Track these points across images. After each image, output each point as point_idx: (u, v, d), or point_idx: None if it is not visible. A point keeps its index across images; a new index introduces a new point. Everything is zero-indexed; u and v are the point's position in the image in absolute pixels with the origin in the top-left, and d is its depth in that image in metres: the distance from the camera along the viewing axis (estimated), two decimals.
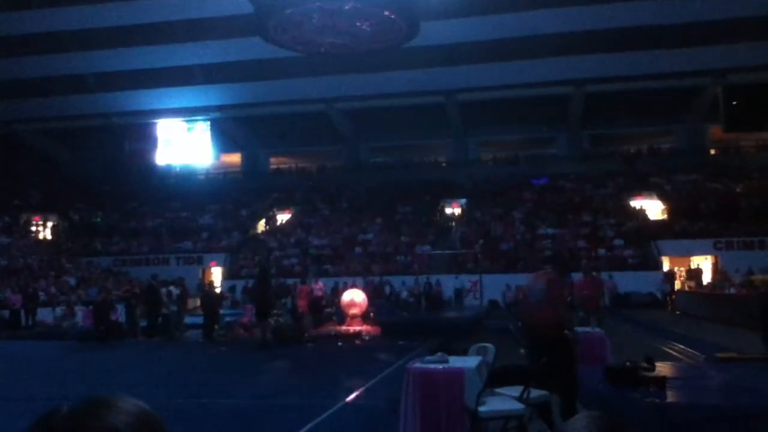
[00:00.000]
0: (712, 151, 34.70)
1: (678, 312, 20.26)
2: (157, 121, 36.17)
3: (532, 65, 29.66)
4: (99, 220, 34.85)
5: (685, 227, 27.19)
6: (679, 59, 28.58)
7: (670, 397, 6.04)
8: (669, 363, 9.65)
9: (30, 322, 20.01)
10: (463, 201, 32.52)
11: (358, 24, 12.95)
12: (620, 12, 26.58)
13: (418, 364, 5.70)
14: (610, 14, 26.72)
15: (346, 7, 12.26)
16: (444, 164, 37.14)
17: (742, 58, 28.22)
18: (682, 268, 25.12)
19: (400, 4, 12.61)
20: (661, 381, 6.25)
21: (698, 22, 26.48)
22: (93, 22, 28.91)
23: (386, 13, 12.67)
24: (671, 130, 35.61)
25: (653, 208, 29.90)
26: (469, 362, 5.79)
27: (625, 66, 29.46)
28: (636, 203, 30.05)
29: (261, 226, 33.67)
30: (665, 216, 29.25)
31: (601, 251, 26.47)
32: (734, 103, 30.17)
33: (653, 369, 6.72)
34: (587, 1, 26.06)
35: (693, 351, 11.18)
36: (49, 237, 32.97)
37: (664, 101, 32.04)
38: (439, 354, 5.92)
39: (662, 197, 30.26)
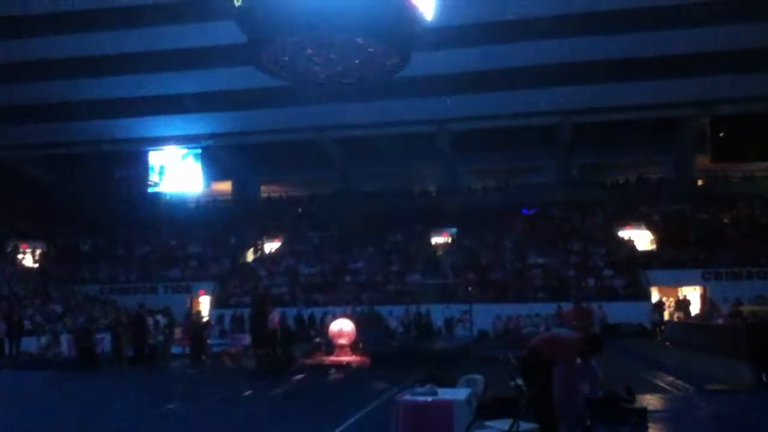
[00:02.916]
0: (700, 181, 34.99)
1: (667, 342, 20.25)
2: (147, 148, 36.14)
3: (521, 95, 29.93)
4: (87, 247, 34.61)
5: (674, 257, 27.32)
6: (666, 90, 28.94)
7: (653, 430, 6.00)
8: (657, 395, 9.63)
9: (14, 351, 19.73)
10: (453, 230, 32.55)
11: (350, 56, 13.05)
12: (608, 44, 26.93)
13: (407, 396, 5.66)
14: (598, 46, 27.07)
15: (341, 43, 12.35)
16: (434, 192, 37.24)
17: (729, 90, 28.62)
18: (671, 299, 25.17)
19: (392, 36, 12.72)
20: (642, 413, 6.20)
21: (685, 54, 26.87)
22: (84, 50, 28.97)
23: (374, 48, 12.77)
24: (659, 159, 35.93)
25: (642, 238, 30.05)
26: (458, 394, 5.75)
27: (613, 97, 29.78)
28: (625, 233, 30.20)
29: (250, 254, 33.54)
30: (654, 246, 29.41)
31: (591, 280, 26.52)
32: (721, 134, 30.52)
33: (634, 400, 6.67)
34: (575, 34, 26.38)
35: (682, 382, 11.16)
36: (36, 264, 32.69)
37: (652, 131, 32.38)
38: (429, 386, 5.88)
39: (651, 227, 30.44)
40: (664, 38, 26.06)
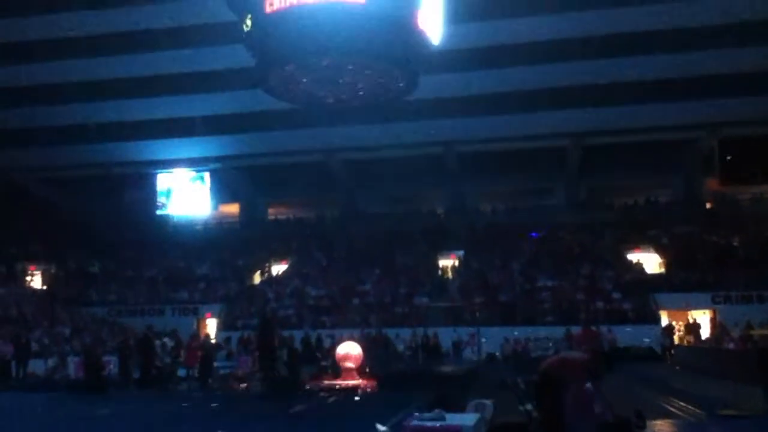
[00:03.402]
0: (708, 204, 34.86)
1: (677, 366, 20.04)
2: (156, 171, 36.40)
3: (530, 118, 30.07)
4: (95, 269, 34.70)
5: (683, 280, 27.13)
6: (675, 113, 29.00)
7: None
8: (668, 419, 9.51)
9: (21, 374, 19.70)
10: (461, 252, 32.48)
11: (359, 79, 13.16)
12: (616, 67, 27.08)
13: (414, 422, 5.61)
14: (606, 69, 27.21)
15: (349, 67, 12.47)
16: (442, 214, 37.24)
17: (737, 113, 28.65)
18: (680, 322, 24.95)
19: (400, 60, 12.83)
20: None
21: (693, 76, 26.98)
22: (95, 74, 29.35)
23: (383, 71, 12.87)
24: (667, 181, 35.87)
25: (651, 261, 29.89)
26: (466, 419, 5.71)
27: (622, 119, 29.87)
28: (633, 256, 30.05)
29: (258, 276, 33.54)
30: (663, 269, 29.23)
31: (600, 303, 26.34)
32: (729, 157, 30.51)
33: (644, 425, 6.58)
34: (584, 57, 26.56)
35: (693, 407, 11.02)
36: (44, 286, 32.78)
37: (660, 154, 32.36)
38: (436, 411, 5.84)
39: (659, 249, 30.29)
40: (672, 61, 26.19)
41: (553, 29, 25.42)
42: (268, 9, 11.76)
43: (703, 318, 25.40)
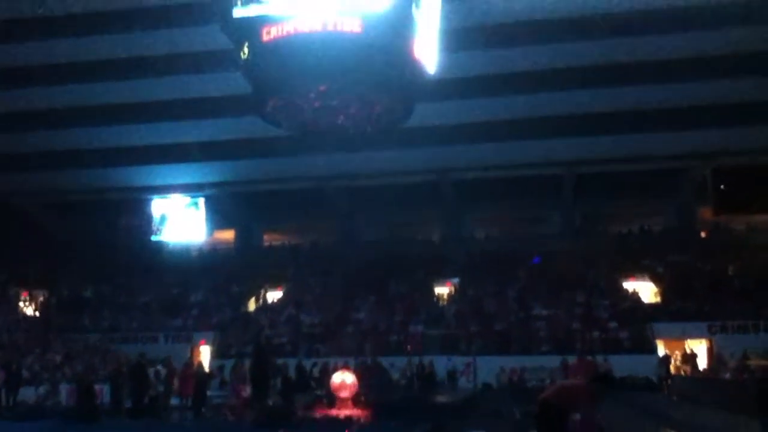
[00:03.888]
0: (703, 233, 34.93)
1: (674, 396, 19.90)
2: (151, 197, 36.36)
3: (525, 146, 30.21)
4: (89, 295, 34.47)
5: (679, 309, 27.08)
6: (668, 142, 29.21)
7: None
8: None
9: (11, 401, 19.43)
10: (456, 279, 32.39)
11: (355, 107, 13.20)
12: (611, 96, 27.28)
13: None
14: (600, 98, 27.41)
15: (345, 95, 12.52)
16: (437, 241, 37.22)
17: (730, 142, 28.88)
18: (677, 352, 24.83)
19: (395, 89, 12.89)
20: None
21: (686, 106, 27.20)
22: (91, 100, 29.41)
23: (378, 100, 12.94)
24: (661, 210, 36.00)
25: (646, 290, 29.85)
26: None
27: (616, 148, 30.04)
28: (629, 285, 30.01)
29: (252, 303, 33.34)
30: (658, 298, 29.19)
31: (596, 333, 26.23)
32: (722, 186, 30.66)
33: None
34: (578, 86, 26.75)
35: None
36: (37, 312, 32.50)
37: (654, 182, 32.53)
38: None
39: (655, 278, 30.28)
40: (666, 91, 26.41)
41: (548, 59, 25.63)
42: (265, 37, 11.81)
43: (699, 347, 25.29)
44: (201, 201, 36.40)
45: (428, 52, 13.10)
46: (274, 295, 33.85)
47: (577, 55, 25.44)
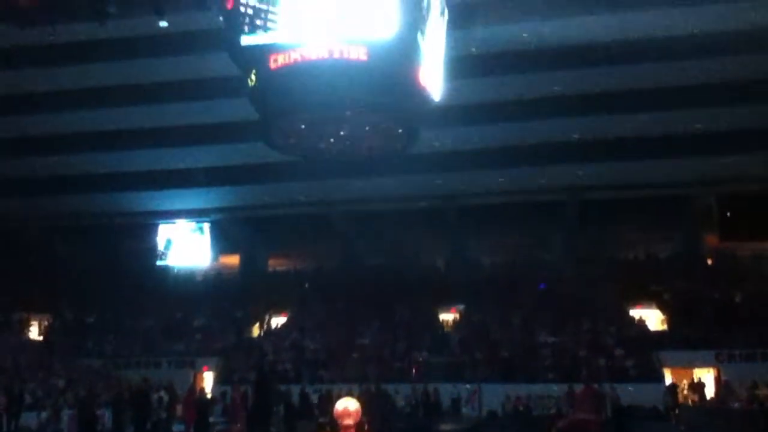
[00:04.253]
0: (709, 260, 34.77)
1: (682, 426, 19.66)
2: (157, 222, 36.45)
3: (529, 172, 30.26)
4: (93, 319, 34.41)
5: (686, 337, 26.86)
6: (673, 169, 29.21)
7: None
8: None
9: (13, 427, 19.29)
10: (461, 306, 32.25)
11: (360, 133, 13.25)
12: (615, 123, 27.35)
13: None
14: (605, 125, 27.48)
15: (351, 121, 12.57)
16: (441, 266, 37.11)
17: (735, 170, 28.84)
18: (684, 381, 24.58)
19: (401, 116, 12.95)
20: None
21: (691, 133, 27.24)
22: (97, 125, 29.63)
23: (384, 126, 12.99)
24: (667, 236, 35.87)
25: (652, 317, 29.66)
26: None
27: (620, 175, 30.06)
28: (635, 312, 29.82)
29: (256, 328, 33.21)
30: (665, 325, 28.98)
31: (602, 360, 26.00)
32: (728, 213, 30.60)
33: None
34: (583, 113, 26.84)
35: None
36: (41, 336, 32.42)
37: (659, 209, 32.44)
38: None
39: (661, 306, 30.08)
40: (670, 118, 26.47)
41: (552, 86, 25.77)
42: (272, 65, 11.89)
43: (707, 376, 25.05)
44: (206, 226, 36.47)
45: (433, 80, 13.18)
46: (278, 321, 33.72)
47: (581, 81, 25.57)
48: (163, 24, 18.58)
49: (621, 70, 24.75)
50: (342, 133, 13.57)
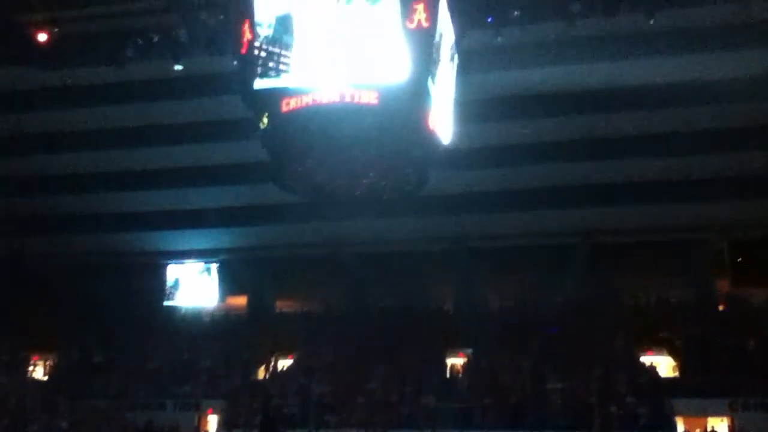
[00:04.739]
0: (721, 306, 34.36)
1: None
2: (167, 262, 36.54)
3: (538, 215, 30.24)
4: (99, 359, 34.25)
5: (699, 385, 26.40)
6: (684, 214, 29.13)
7: None
8: None
9: None
10: (470, 350, 31.91)
11: (370, 175, 13.34)
12: (625, 166, 27.44)
13: None
14: (615, 169, 27.57)
15: (361, 164, 12.70)
16: (450, 310, 36.85)
17: (746, 215, 28.73)
18: (697, 430, 24.09)
19: (410, 159, 13.07)
20: None
21: (702, 178, 27.25)
22: (108, 165, 30.02)
23: (393, 169, 13.11)
24: (678, 281, 35.50)
25: (664, 364, 29.23)
26: None
27: (630, 219, 30.01)
28: (647, 358, 29.41)
29: (262, 371, 32.94)
30: (677, 372, 28.54)
31: (613, 408, 25.53)
32: (740, 259, 30.39)
33: None
34: (592, 157, 26.97)
35: None
36: (47, 376, 32.26)
37: (670, 253, 32.21)
38: None
39: (673, 352, 29.67)
40: (681, 163, 26.55)
41: (563, 130, 25.97)
42: (284, 108, 12.09)
43: (721, 426, 24.56)
44: (213, 266, 36.50)
45: (443, 123, 13.33)
46: (284, 363, 33.43)
47: (592, 126, 25.79)
48: (179, 67, 18.96)
49: (633, 115, 24.96)
50: (352, 175, 13.67)
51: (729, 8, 16.74)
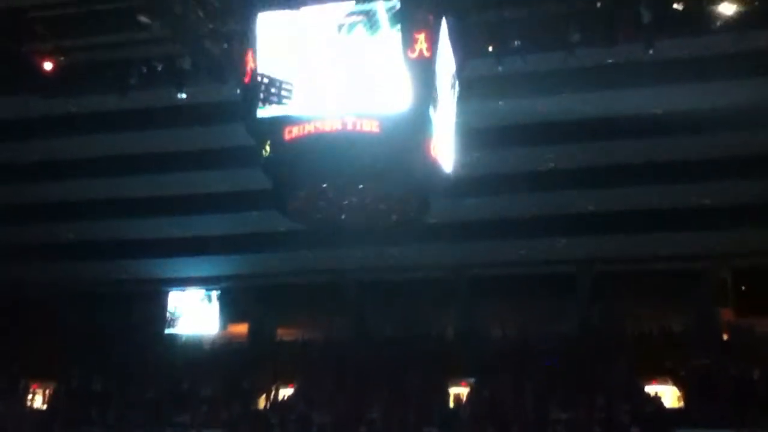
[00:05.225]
0: (725, 335, 34.13)
1: None
2: (168, 289, 36.45)
3: (539, 243, 30.21)
4: (98, 387, 33.98)
5: (704, 415, 26.10)
6: (685, 243, 29.06)
7: None
8: None
9: None
10: (472, 379, 31.65)
11: (372, 203, 13.37)
12: (626, 195, 27.43)
13: None
14: (616, 197, 27.57)
15: (363, 192, 12.76)
16: (452, 338, 36.62)
17: (749, 244, 28.66)
18: None
19: (412, 187, 13.12)
20: None
21: (704, 207, 27.24)
22: (109, 193, 30.08)
23: (395, 197, 13.16)
24: (681, 310, 35.32)
25: (669, 394, 28.95)
26: None
27: (632, 247, 29.93)
28: (651, 388, 29.13)
29: (263, 399, 32.65)
30: (681, 402, 28.25)
31: None
32: (743, 288, 30.25)
33: None
34: (593, 185, 26.99)
35: None
36: (46, 404, 31.99)
37: (672, 282, 32.13)
38: None
39: (677, 382, 29.39)
40: (685, 191, 26.55)
41: (565, 158, 26.04)
42: (287, 136, 12.20)
43: None
44: (214, 294, 36.41)
45: (445, 152, 13.39)
46: (285, 392, 33.15)
47: (593, 154, 25.83)
48: (182, 96, 19.10)
49: (634, 144, 25.03)
50: (354, 202, 13.71)
51: (728, 38, 16.85)
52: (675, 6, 15.18)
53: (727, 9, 15.31)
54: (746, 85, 21.83)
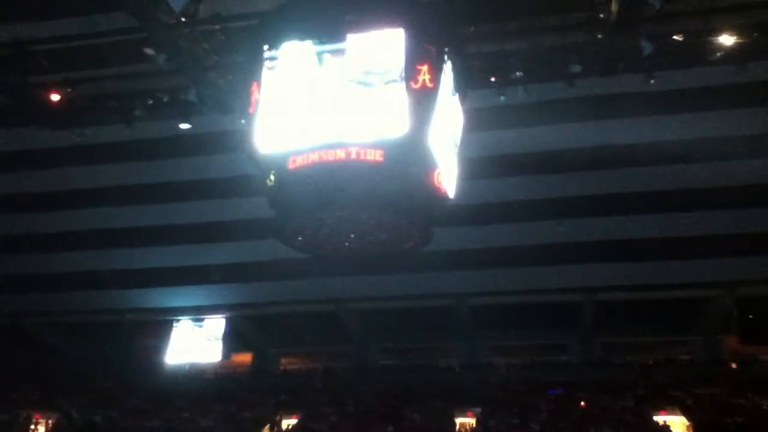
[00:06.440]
0: (733, 365, 33.83)
1: None
2: (169, 318, 36.33)
3: (542, 272, 30.11)
4: (99, 419, 33.68)
5: None
6: (689, 271, 28.95)
7: None
8: None
9: None
10: (478, 409, 31.32)
11: (374, 232, 13.39)
12: (630, 224, 27.46)
13: None
14: (620, 226, 27.60)
15: (366, 221, 12.78)
16: (455, 369, 36.34)
17: (754, 272, 28.55)
18: None
19: (415, 216, 13.13)
20: None
21: (708, 235, 27.21)
22: (111, 223, 30.19)
23: (398, 226, 13.18)
24: (686, 339, 35.10)
25: (677, 424, 28.60)
26: None
27: (636, 276, 29.81)
28: (659, 418, 28.78)
29: (266, 430, 32.30)
30: None
31: None
32: (749, 316, 30.08)
33: None
34: (595, 214, 27.04)
35: None
36: None
37: (677, 311, 31.98)
38: None
39: (685, 412, 29.06)
40: (688, 219, 26.55)
41: (566, 187, 26.13)
42: (291, 166, 12.25)
43: None
44: (217, 323, 36.27)
45: (448, 181, 13.44)
46: (288, 422, 32.79)
47: (595, 183, 25.93)
48: (186, 126, 19.24)
49: (636, 173, 25.13)
50: (356, 231, 13.73)
51: (727, 69, 17.02)
52: (675, 37, 15.32)
53: (727, 41, 15.46)
54: (748, 115, 22.01)
